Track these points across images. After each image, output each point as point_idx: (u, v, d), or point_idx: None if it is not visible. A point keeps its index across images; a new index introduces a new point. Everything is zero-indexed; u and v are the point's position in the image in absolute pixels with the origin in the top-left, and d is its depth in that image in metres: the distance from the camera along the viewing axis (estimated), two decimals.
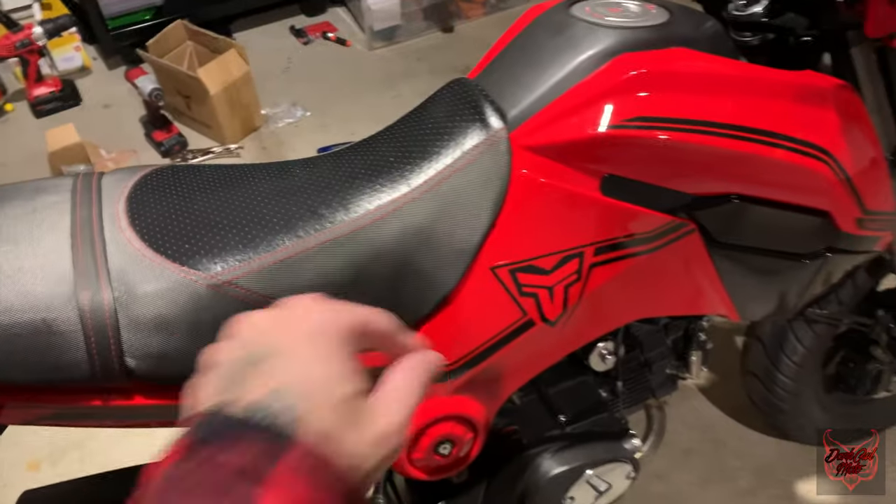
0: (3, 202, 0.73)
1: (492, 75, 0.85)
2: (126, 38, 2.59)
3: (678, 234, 0.85)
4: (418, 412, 0.84)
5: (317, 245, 0.75)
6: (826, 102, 0.81)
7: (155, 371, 0.69)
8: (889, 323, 1.26)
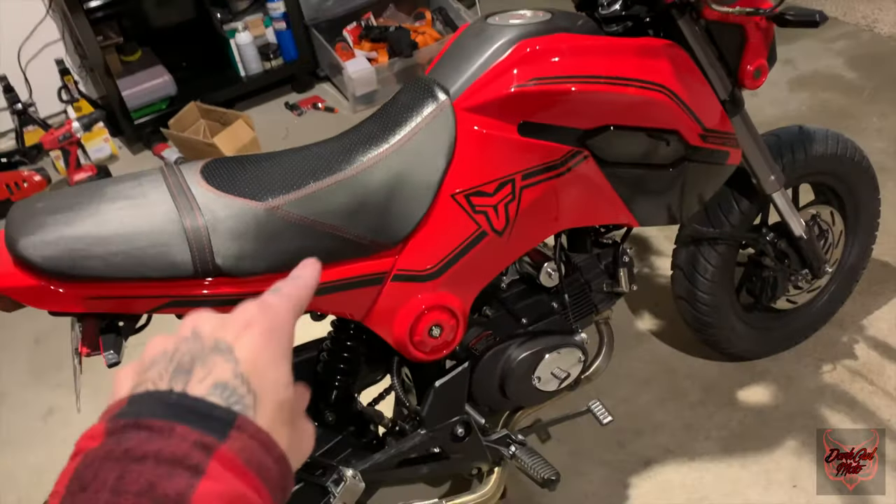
0: (116, 183, 1.11)
1: (438, 68, 1.24)
2: (147, 125, 3.03)
3: (577, 159, 1.23)
4: (414, 304, 1.21)
5: (330, 184, 1.12)
6: (661, 55, 1.21)
7: (234, 267, 1.05)
8: (772, 237, 1.62)
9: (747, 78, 1.36)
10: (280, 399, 0.40)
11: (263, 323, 0.42)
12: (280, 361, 0.41)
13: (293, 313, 0.45)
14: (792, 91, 2.81)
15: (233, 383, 0.38)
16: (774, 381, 1.84)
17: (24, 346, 2.22)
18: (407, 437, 1.31)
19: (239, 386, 0.38)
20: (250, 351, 0.40)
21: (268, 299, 0.44)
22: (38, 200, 1.06)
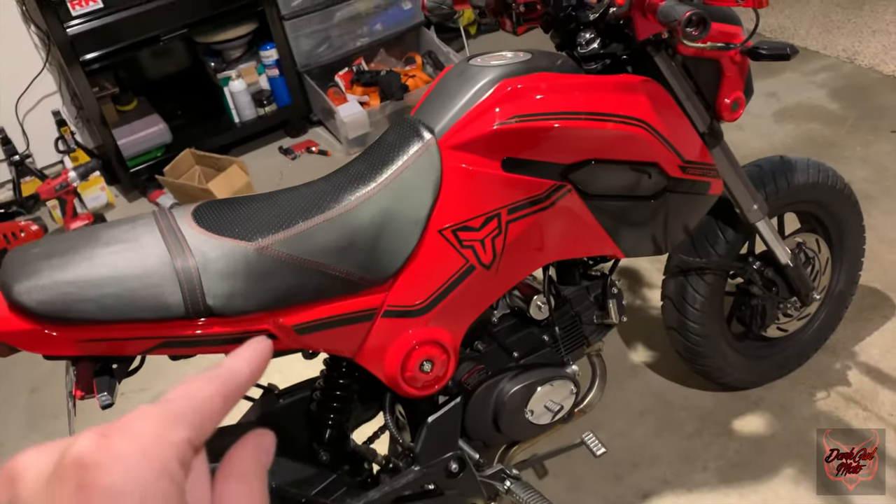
0: (111, 227, 1.13)
1: (423, 109, 1.28)
2: (142, 173, 3.07)
3: (561, 193, 1.25)
4: (405, 340, 1.23)
5: (318, 223, 1.14)
6: (638, 91, 1.25)
7: (226, 306, 1.07)
8: (759, 266, 1.64)
9: (725, 110, 1.39)
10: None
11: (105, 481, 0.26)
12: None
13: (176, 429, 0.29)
14: (777, 123, 2.86)
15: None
16: (769, 409, 1.84)
17: (21, 396, 2.23)
18: (401, 474, 1.31)
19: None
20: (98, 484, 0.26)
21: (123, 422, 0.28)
22: (33, 246, 1.08)
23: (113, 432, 0.27)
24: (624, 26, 1.24)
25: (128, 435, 0.27)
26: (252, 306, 1.08)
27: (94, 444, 0.27)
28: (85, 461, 0.26)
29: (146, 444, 0.27)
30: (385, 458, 1.37)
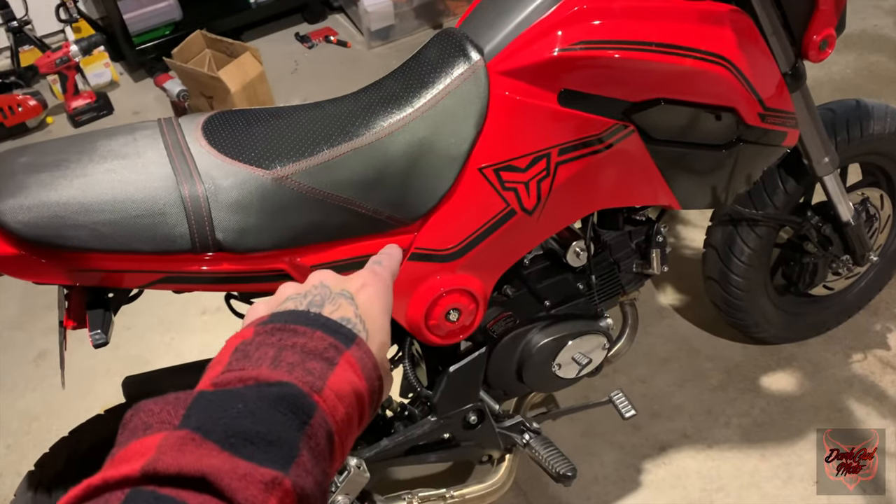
0: (109, 136, 0.99)
1: (471, 22, 1.11)
2: (149, 52, 2.87)
3: (621, 134, 1.10)
4: (432, 286, 1.10)
5: (346, 152, 1.00)
6: (723, 23, 1.07)
7: (236, 242, 0.94)
8: (817, 221, 1.50)
9: (812, 49, 1.22)
10: (382, 341, 0.52)
11: (376, 284, 0.55)
12: (385, 314, 0.54)
13: (392, 280, 0.58)
14: (837, 52, 2.60)
15: (354, 319, 0.50)
16: (801, 367, 1.75)
17: (16, 285, 2.12)
18: (416, 424, 1.23)
19: (358, 322, 0.50)
20: (367, 301, 0.53)
21: (375, 269, 0.57)
22: (20, 154, 0.95)
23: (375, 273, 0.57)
24: None
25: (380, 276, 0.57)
26: (266, 243, 0.96)
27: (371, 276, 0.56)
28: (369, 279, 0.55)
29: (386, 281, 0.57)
30: (400, 405, 1.28)
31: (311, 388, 0.43)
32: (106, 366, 1.85)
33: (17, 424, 1.83)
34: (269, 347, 0.45)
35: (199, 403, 0.40)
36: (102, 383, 1.84)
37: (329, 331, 0.47)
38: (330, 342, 0.46)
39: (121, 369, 1.15)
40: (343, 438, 0.45)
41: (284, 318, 0.47)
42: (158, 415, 0.40)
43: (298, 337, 0.46)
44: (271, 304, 0.52)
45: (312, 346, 0.45)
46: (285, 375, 0.43)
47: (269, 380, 0.42)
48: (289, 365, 0.44)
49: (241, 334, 0.47)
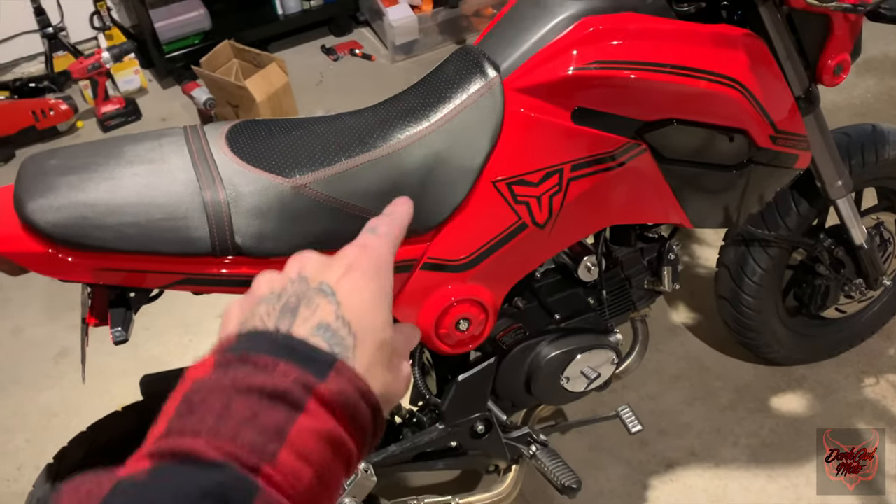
0: (136, 141, 1.02)
1: (489, 40, 1.14)
2: (179, 60, 2.94)
3: (634, 153, 1.12)
4: (443, 295, 1.13)
5: (363, 162, 1.03)
6: (736, 46, 1.09)
7: (255, 247, 0.97)
8: (829, 244, 1.51)
9: (826, 74, 1.24)
10: (378, 340, 0.43)
11: (364, 265, 0.45)
12: (379, 303, 0.44)
13: (391, 253, 0.48)
14: (858, 76, 2.64)
15: (335, 325, 0.41)
16: (811, 389, 1.75)
17: (41, 283, 2.17)
18: (425, 431, 1.25)
19: (340, 328, 0.41)
20: (351, 293, 0.43)
21: (367, 241, 0.47)
22: (51, 157, 0.99)
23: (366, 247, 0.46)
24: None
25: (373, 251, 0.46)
26: (284, 249, 0.99)
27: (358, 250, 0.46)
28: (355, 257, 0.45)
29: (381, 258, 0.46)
30: (409, 412, 1.30)
31: (259, 459, 0.36)
32: (124, 366, 1.89)
33: (36, 419, 1.88)
34: (218, 396, 0.38)
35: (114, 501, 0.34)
36: (121, 383, 1.88)
37: (298, 359, 0.39)
38: (296, 377, 0.38)
39: (139, 370, 1.18)
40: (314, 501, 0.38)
41: (246, 345, 0.40)
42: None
43: (258, 374, 0.38)
44: (245, 305, 0.45)
45: (273, 387, 0.37)
46: (227, 445, 0.36)
47: (204, 458, 0.35)
48: (236, 425, 0.36)
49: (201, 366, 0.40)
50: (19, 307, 2.17)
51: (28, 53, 3.08)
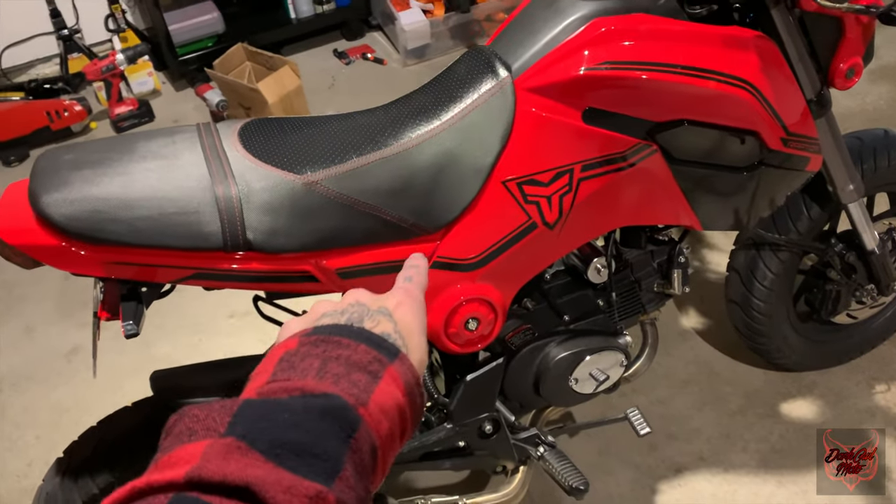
0: (150, 138, 1.03)
1: (501, 40, 1.14)
2: (192, 62, 2.96)
3: (644, 153, 1.12)
4: (452, 294, 1.12)
5: (374, 160, 1.03)
6: (748, 48, 1.09)
7: (266, 242, 0.98)
8: (841, 249, 1.50)
9: (839, 77, 1.23)
10: (420, 359, 0.52)
11: (410, 303, 0.55)
12: (422, 332, 0.55)
13: (423, 295, 0.58)
14: (872, 82, 2.63)
15: (394, 335, 0.51)
16: (822, 396, 1.74)
17: (54, 280, 2.20)
18: (432, 430, 1.25)
19: (398, 338, 0.51)
20: (405, 318, 0.53)
21: (408, 287, 0.58)
22: (66, 152, 1.00)
23: (408, 290, 0.58)
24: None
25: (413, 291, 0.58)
26: (294, 245, 1.00)
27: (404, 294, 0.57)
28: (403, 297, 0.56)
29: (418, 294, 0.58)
30: None
31: (357, 400, 0.43)
32: (135, 364, 1.89)
33: (47, 416, 1.89)
34: (314, 358, 0.46)
35: (245, 412, 0.40)
36: (131, 381, 1.87)
37: (373, 344, 0.47)
38: (374, 356, 0.46)
39: (149, 367, 1.19)
40: (385, 454, 0.45)
41: (329, 331, 0.48)
42: (203, 421, 0.40)
43: (343, 349, 0.46)
44: (306, 321, 0.52)
45: (357, 359, 0.46)
46: (331, 387, 0.43)
47: (315, 391, 0.43)
48: (334, 376, 0.44)
49: (285, 344, 0.48)
50: (32, 305, 2.19)
51: (43, 55, 3.11)
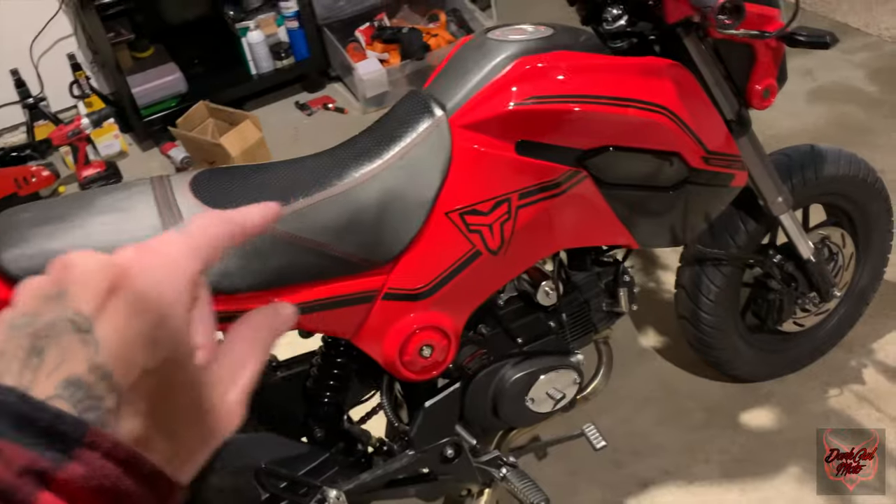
0: (107, 193, 1.09)
1: (436, 83, 1.22)
2: (157, 123, 3.03)
3: (575, 180, 1.20)
4: (405, 323, 1.19)
5: (319, 199, 1.09)
6: (664, 76, 1.18)
7: (218, 284, 1.03)
8: (779, 259, 1.58)
9: (755, 98, 1.32)
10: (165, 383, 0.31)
11: (136, 284, 0.31)
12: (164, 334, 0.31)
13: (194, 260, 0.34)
14: (809, 103, 2.75)
15: (87, 379, 0.29)
16: (779, 404, 1.79)
17: None
18: (395, 458, 1.29)
19: (95, 383, 0.29)
20: (114, 330, 0.30)
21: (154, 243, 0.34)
22: (24, 210, 1.05)
23: (149, 250, 0.33)
24: (654, 5, 1.16)
25: (159, 255, 0.33)
26: (246, 285, 1.05)
27: (133, 255, 0.32)
28: (123, 267, 0.31)
29: (171, 267, 0.33)
30: (379, 441, 1.34)
31: None
32: None
33: None
34: None
35: None
36: None
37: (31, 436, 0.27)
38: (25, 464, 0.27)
39: None
40: None
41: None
42: None
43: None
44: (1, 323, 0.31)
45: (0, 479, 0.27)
46: None
47: None
48: None
49: None
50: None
51: (10, 124, 3.17)
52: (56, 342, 0.30)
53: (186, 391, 0.32)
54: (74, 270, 0.31)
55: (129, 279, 0.31)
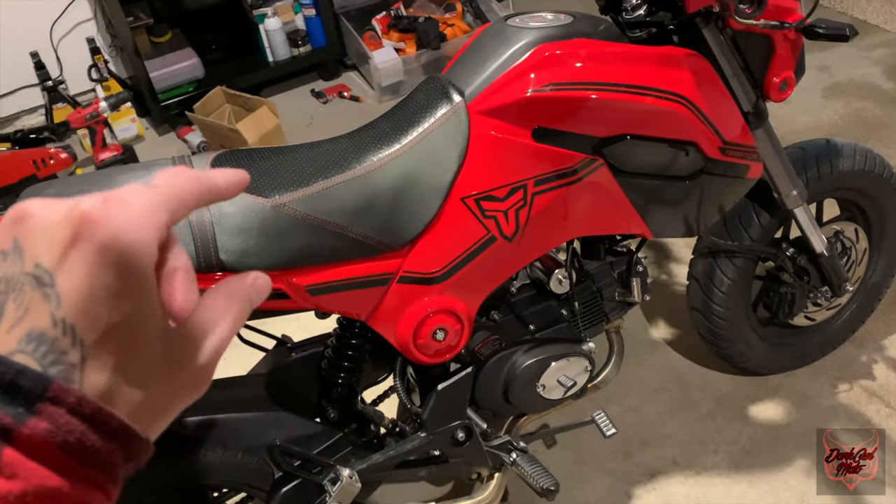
0: (127, 171, 1.11)
1: (455, 69, 1.23)
2: (173, 107, 3.05)
3: (592, 167, 1.20)
4: (420, 306, 1.20)
5: (338, 182, 1.11)
6: (682, 66, 1.18)
7: (238, 263, 1.05)
8: (792, 253, 1.58)
9: (773, 90, 1.32)
10: (131, 338, 0.30)
11: (99, 235, 0.29)
12: (128, 287, 0.30)
13: (161, 211, 0.32)
14: (826, 99, 2.74)
15: (51, 333, 0.28)
16: (788, 397, 1.80)
17: None
18: (407, 439, 1.30)
19: (60, 337, 0.28)
20: (78, 282, 0.29)
21: (119, 192, 0.32)
22: (48, 187, 1.07)
23: (113, 199, 0.31)
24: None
25: (124, 205, 0.31)
26: (265, 264, 1.06)
27: (96, 204, 0.30)
28: (86, 216, 0.30)
29: (136, 217, 0.31)
30: (392, 422, 1.36)
31: None
32: None
33: None
34: None
35: None
36: None
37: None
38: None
39: None
40: None
41: None
42: None
43: None
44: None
45: None
46: None
47: None
48: None
49: None
50: None
51: (29, 106, 3.20)
52: (16, 297, 0.29)
53: (154, 346, 0.31)
54: (31, 221, 0.30)
55: (91, 229, 0.29)
